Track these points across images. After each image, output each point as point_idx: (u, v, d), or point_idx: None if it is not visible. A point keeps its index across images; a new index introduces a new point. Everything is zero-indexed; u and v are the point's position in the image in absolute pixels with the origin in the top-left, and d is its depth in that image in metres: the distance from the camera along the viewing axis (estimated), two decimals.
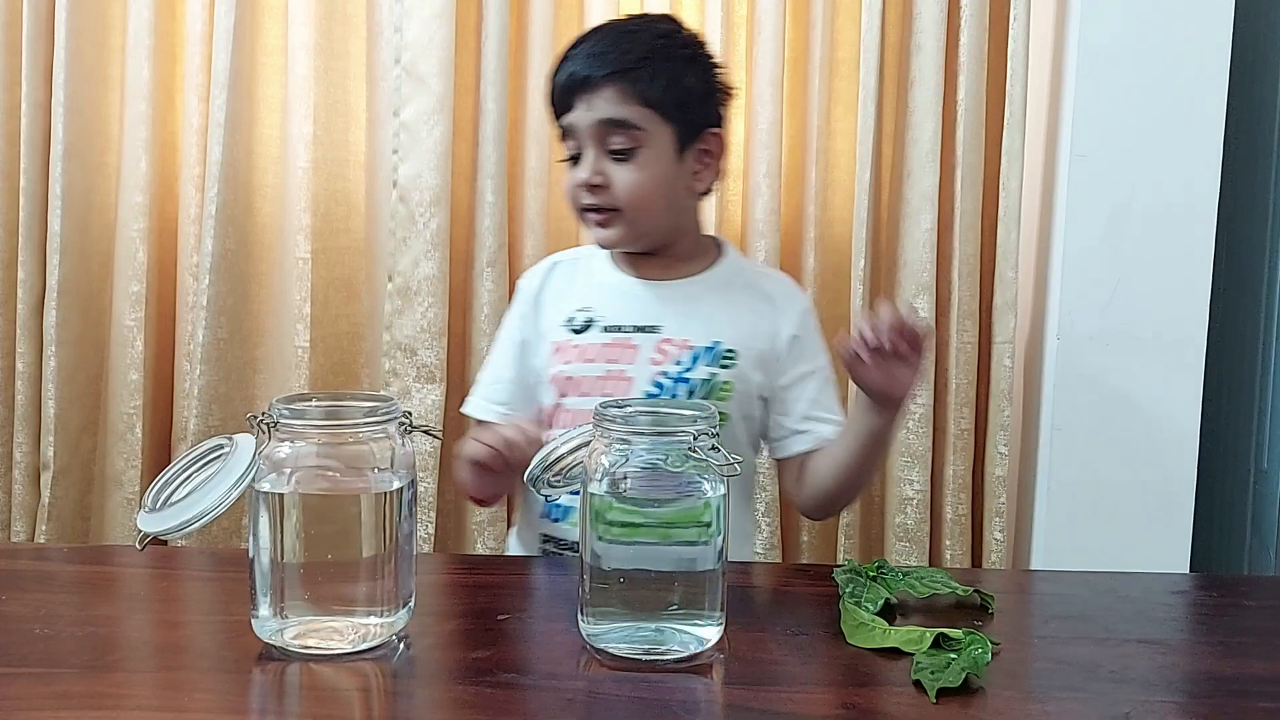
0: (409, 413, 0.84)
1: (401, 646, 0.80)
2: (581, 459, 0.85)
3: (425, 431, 0.94)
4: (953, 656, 0.77)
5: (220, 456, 0.82)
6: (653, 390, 1.12)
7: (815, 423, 1.15)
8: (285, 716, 0.72)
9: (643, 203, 1.12)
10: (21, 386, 1.62)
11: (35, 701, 0.70)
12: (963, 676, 0.73)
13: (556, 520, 1.14)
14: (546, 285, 1.22)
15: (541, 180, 1.62)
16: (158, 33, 1.61)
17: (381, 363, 1.64)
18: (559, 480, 0.93)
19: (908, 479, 1.62)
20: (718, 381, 1.13)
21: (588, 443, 0.82)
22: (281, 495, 0.78)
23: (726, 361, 1.13)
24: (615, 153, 1.11)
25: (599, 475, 0.78)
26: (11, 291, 1.63)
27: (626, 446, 0.78)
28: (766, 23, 1.58)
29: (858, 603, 0.87)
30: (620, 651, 0.78)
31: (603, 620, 0.79)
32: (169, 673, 0.77)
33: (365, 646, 0.78)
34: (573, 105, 1.11)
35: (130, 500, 1.63)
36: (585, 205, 1.13)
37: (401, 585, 0.81)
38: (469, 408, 1.22)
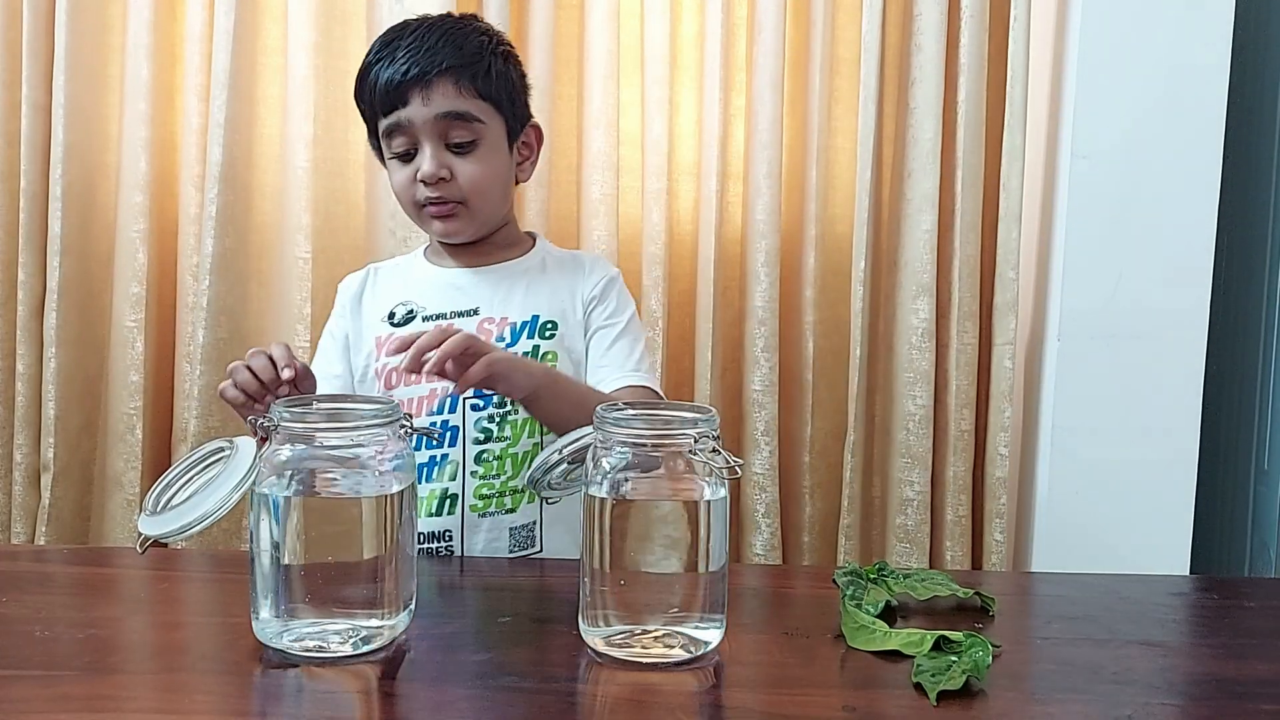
0: (409, 415, 0.84)
1: (402, 649, 0.80)
2: (582, 461, 0.85)
3: (425, 434, 0.94)
4: (953, 659, 0.77)
5: (221, 459, 0.82)
6: None
7: (604, 369, 1.19)
8: (286, 719, 0.72)
9: (486, 194, 1.16)
10: (21, 388, 1.62)
11: (35, 704, 0.70)
12: (964, 679, 0.73)
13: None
14: (367, 287, 1.26)
15: (541, 180, 1.62)
16: (157, 33, 1.60)
17: None
18: (559, 483, 0.93)
19: (908, 480, 1.62)
20: (541, 353, 1.17)
21: (588, 445, 0.82)
22: (282, 498, 0.78)
23: (548, 332, 1.18)
24: (455, 146, 1.13)
25: (599, 477, 0.78)
26: (11, 293, 1.62)
27: (627, 448, 0.78)
28: (767, 23, 1.58)
29: (858, 605, 0.87)
30: (620, 654, 0.78)
31: (603, 623, 0.79)
32: (169, 675, 0.77)
33: (366, 649, 0.79)
34: (407, 101, 1.12)
35: (130, 501, 1.63)
36: (428, 199, 1.15)
37: (402, 587, 0.81)
38: None
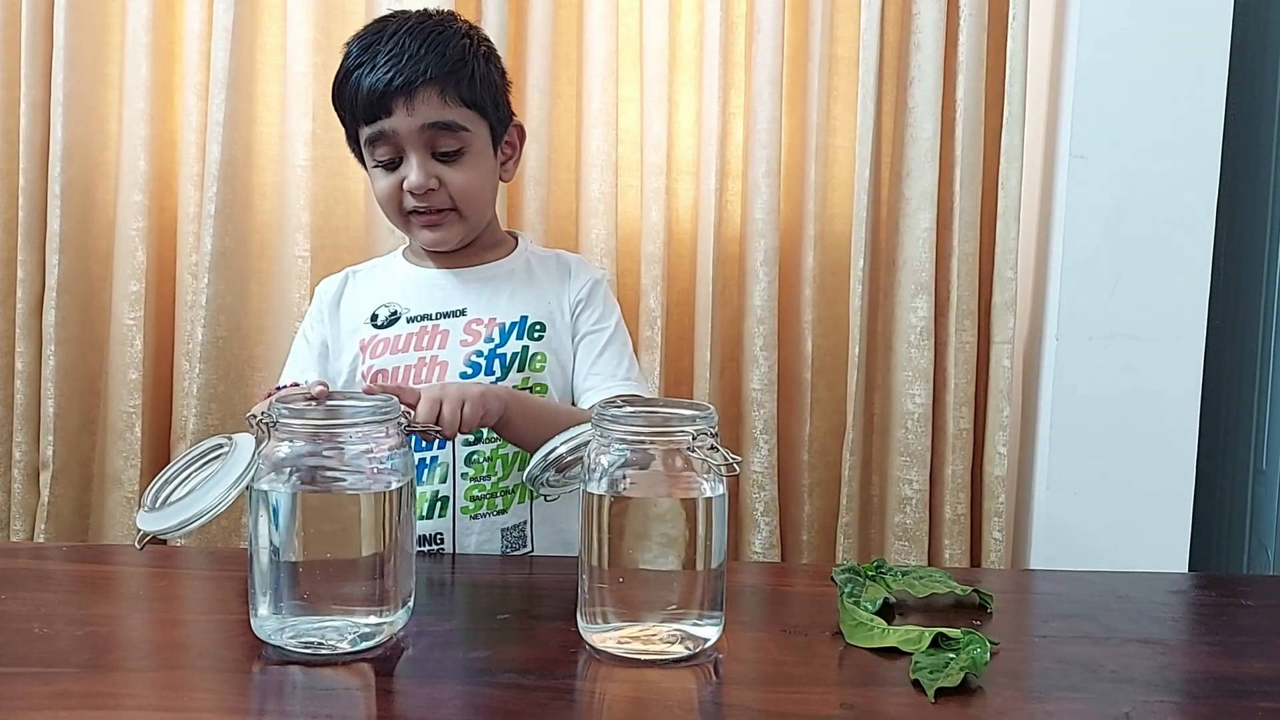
0: (408, 412, 0.84)
1: (400, 646, 0.81)
2: (580, 458, 0.85)
3: (424, 431, 0.94)
4: (951, 656, 0.77)
5: (220, 456, 0.82)
6: (467, 371, 1.13)
7: (594, 378, 1.18)
8: (284, 716, 0.72)
9: (475, 200, 1.15)
10: (20, 385, 1.62)
11: (34, 701, 0.70)
12: (961, 676, 0.74)
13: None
14: (345, 291, 1.24)
15: (541, 180, 1.62)
16: (156, 31, 1.60)
17: None
18: (558, 479, 0.93)
19: (906, 479, 1.62)
20: (530, 354, 1.16)
21: (587, 442, 0.82)
22: (281, 495, 0.78)
23: (536, 334, 1.17)
24: (441, 155, 1.12)
25: (598, 474, 0.78)
26: (10, 290, 1.62)
27: (625, 446, 0.78)
28: (766, 21, 1.58)
29: (856, 602, 0.87)
30: (618, 651, 0.78)
31: (601, 620, 0.79)
32: (168, 672, 0.77)
33: (364, 646, 0.79)
34: (390, 110, 1.09)
35: (129, 499, 1.63)
36: (415, 208, 1.13)
37: (400, 585, 0.81)
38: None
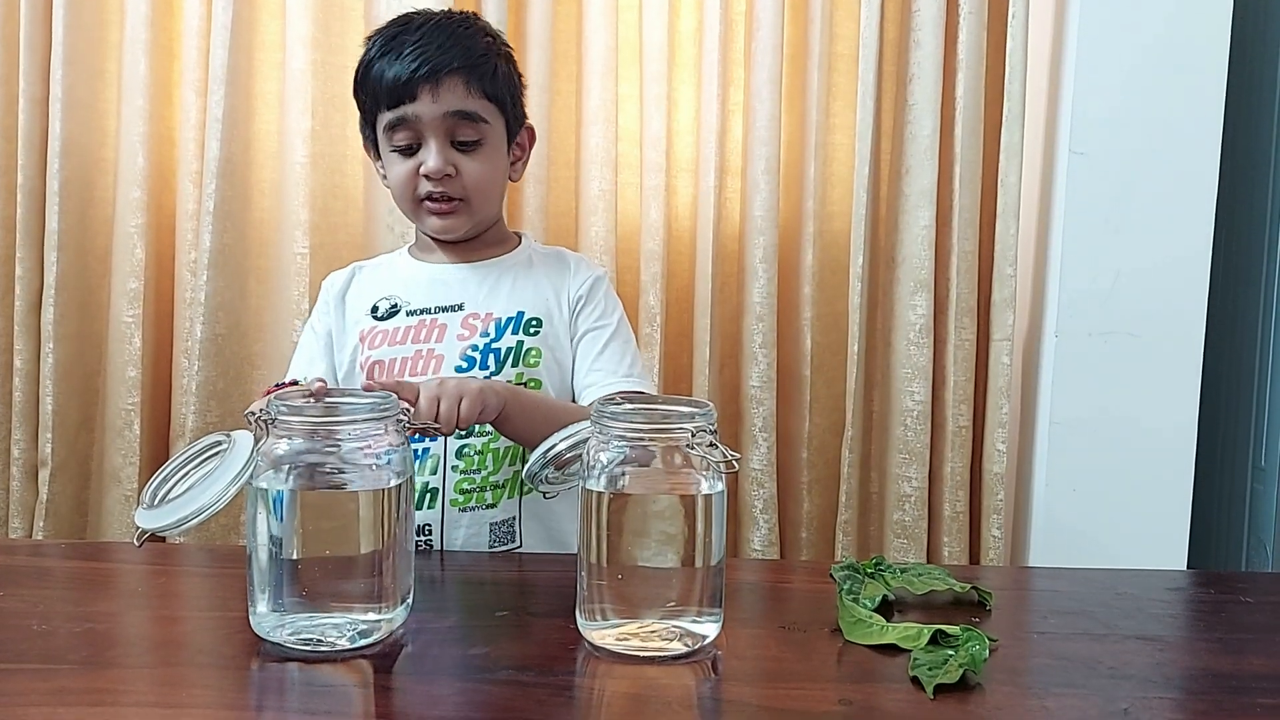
0: (407, 409, 0.84)
1: (399, 643, 0.81)
2: (579, 455, 0.85)
3: (423, 428, 0.94)
4: (950, 653, 0.77)
5: (218, 453, 0.82)
6: (462, 365, 1.14)
7: (596, 374, 1.19)
8: (283, 713, 0.72)
9: (487, 192, 1.17)
10: (19, 383, 1.62)
11: (33, 697, 0.70)
12: (960, 673, 0.74)
13: None
14: (351, 284, 1.26)
15: (541, 177, 1.62)
16: (155, 28, 1.60)
17: None
18: (557, 477, 0.93)
19: (906, 476, 1.62)
20: (525, 349, 1.16)
21: (586, 439, 0.82)
22: (279, 492, 0.78)
23: (532, 329, 1.17)
24: (460, 144, 1.14)
25: (597, 471, 0.78)
26: (9, 287, 1.62)
27: (624, 442, 0.78)
28: (765, 18, 1.58)
29: (855, 599, 0.87)
30: (617, 648, 0.78)
31: (600, 617, 0.79)
32: (167, 669, 0.77)
33: (363, 643, 0.79)
34: (415, 95, 1.11)
35: (128, 496, 1.63)
36: (429, 194, 1.15)
37: (399, 581, 0.81)
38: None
